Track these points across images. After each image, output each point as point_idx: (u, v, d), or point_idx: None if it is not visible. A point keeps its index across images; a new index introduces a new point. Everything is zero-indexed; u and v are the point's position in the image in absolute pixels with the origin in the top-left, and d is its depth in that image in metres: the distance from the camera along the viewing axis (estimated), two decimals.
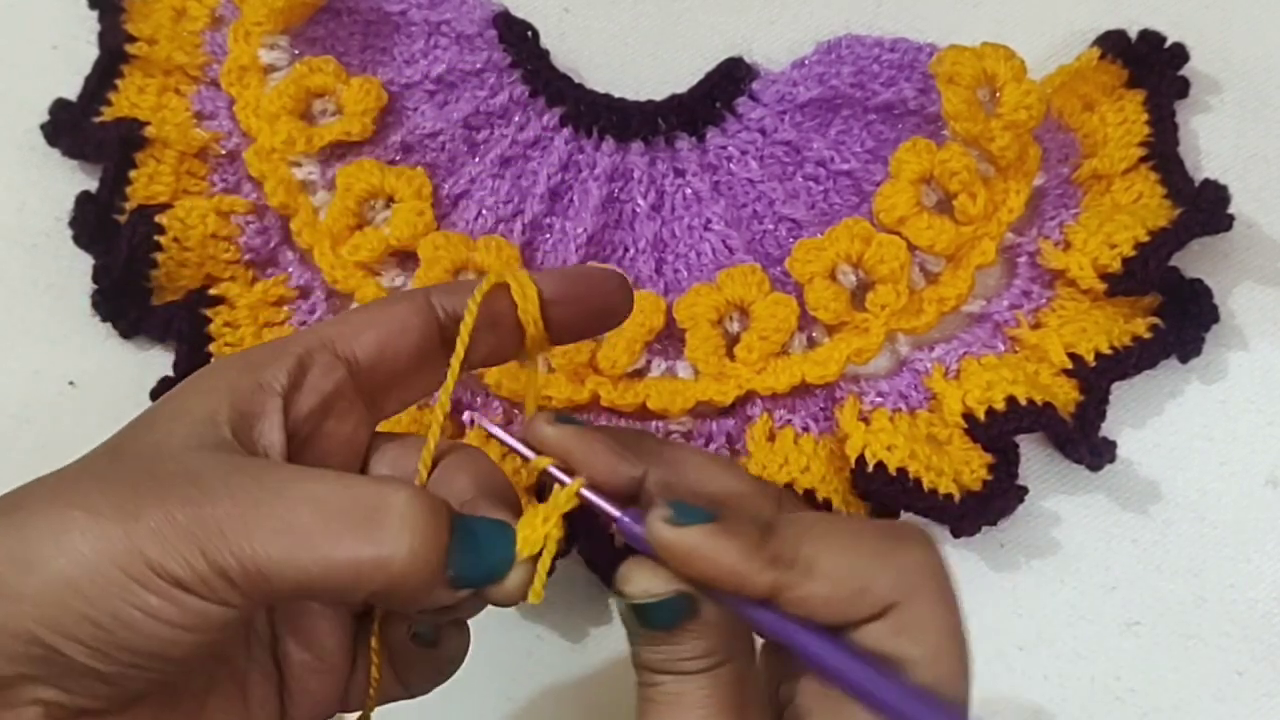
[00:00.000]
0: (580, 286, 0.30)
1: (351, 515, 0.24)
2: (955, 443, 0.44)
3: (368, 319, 0.29)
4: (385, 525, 0.24)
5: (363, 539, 0.24)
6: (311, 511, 0.24)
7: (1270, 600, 0.44)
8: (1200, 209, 0.44)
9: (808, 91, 0.48)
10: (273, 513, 0.24)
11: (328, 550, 0.24)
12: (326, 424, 0.29)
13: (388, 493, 0.25)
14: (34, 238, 0.48)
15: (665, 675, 0.27)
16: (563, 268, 0.30)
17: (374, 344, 0.29)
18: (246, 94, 0.48)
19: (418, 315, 0.29)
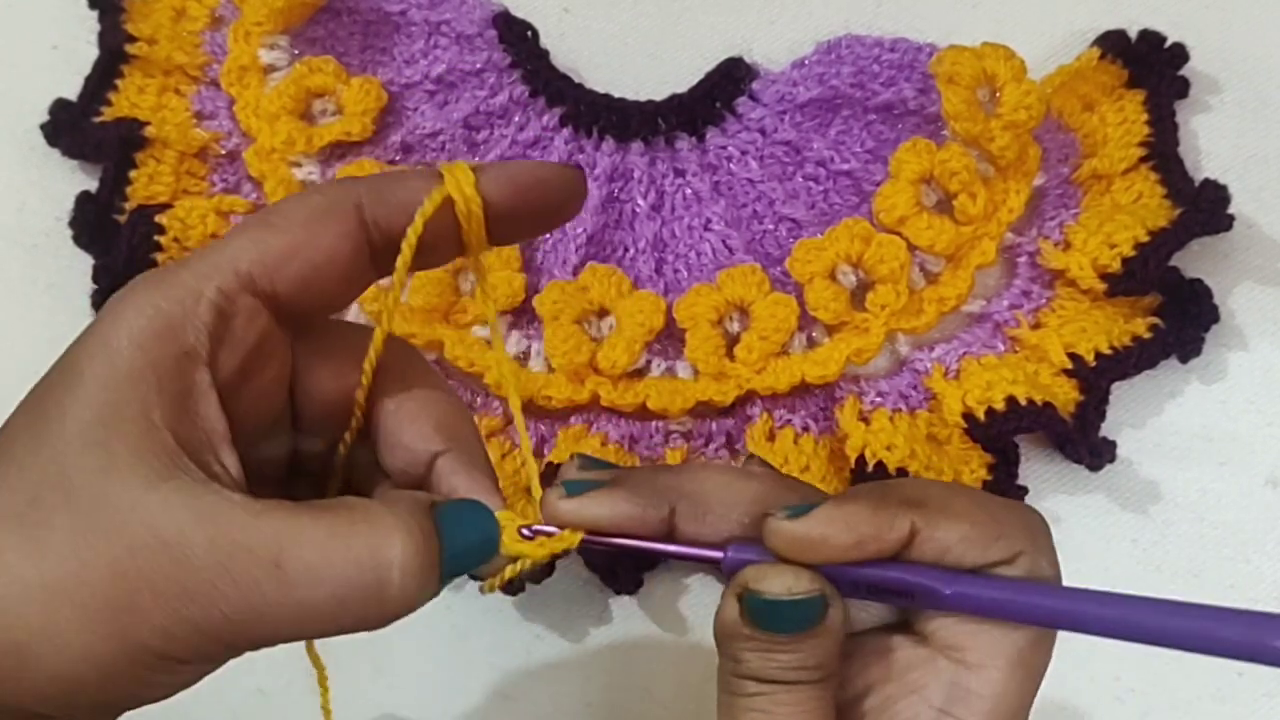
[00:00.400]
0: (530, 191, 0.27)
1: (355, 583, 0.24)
2: (955, 443, 0.44)
3: (293, 247, 0.26)
4: (388, 581, 0.24)
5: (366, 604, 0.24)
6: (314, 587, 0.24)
7: (1270, 600, 0.44)
8: (1200, 209, 0.44)
9: (808, 91, 0.48)
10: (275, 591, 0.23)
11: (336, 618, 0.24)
12: (252, 370, 0.26)
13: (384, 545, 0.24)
14: (34, 238, 0.48)
15: (773, 685, 0.26)
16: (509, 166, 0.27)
17: (299, 282, 0.26)
18: (246, 94, 0.48)
19: (350, 240, 0.26)
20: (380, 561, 0.24)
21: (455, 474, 0.28)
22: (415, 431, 0.28)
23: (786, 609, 0.26)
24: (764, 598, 0.26)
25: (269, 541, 0.23)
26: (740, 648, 0.27)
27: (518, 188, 0.27)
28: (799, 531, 0.26)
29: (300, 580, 0.23)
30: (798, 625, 0.26)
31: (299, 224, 0.26)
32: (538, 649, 0.44)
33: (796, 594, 0.26)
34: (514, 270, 0.45)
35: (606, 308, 0.45)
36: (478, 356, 0.44)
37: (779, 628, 0.26)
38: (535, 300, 0.45)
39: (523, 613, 0.44)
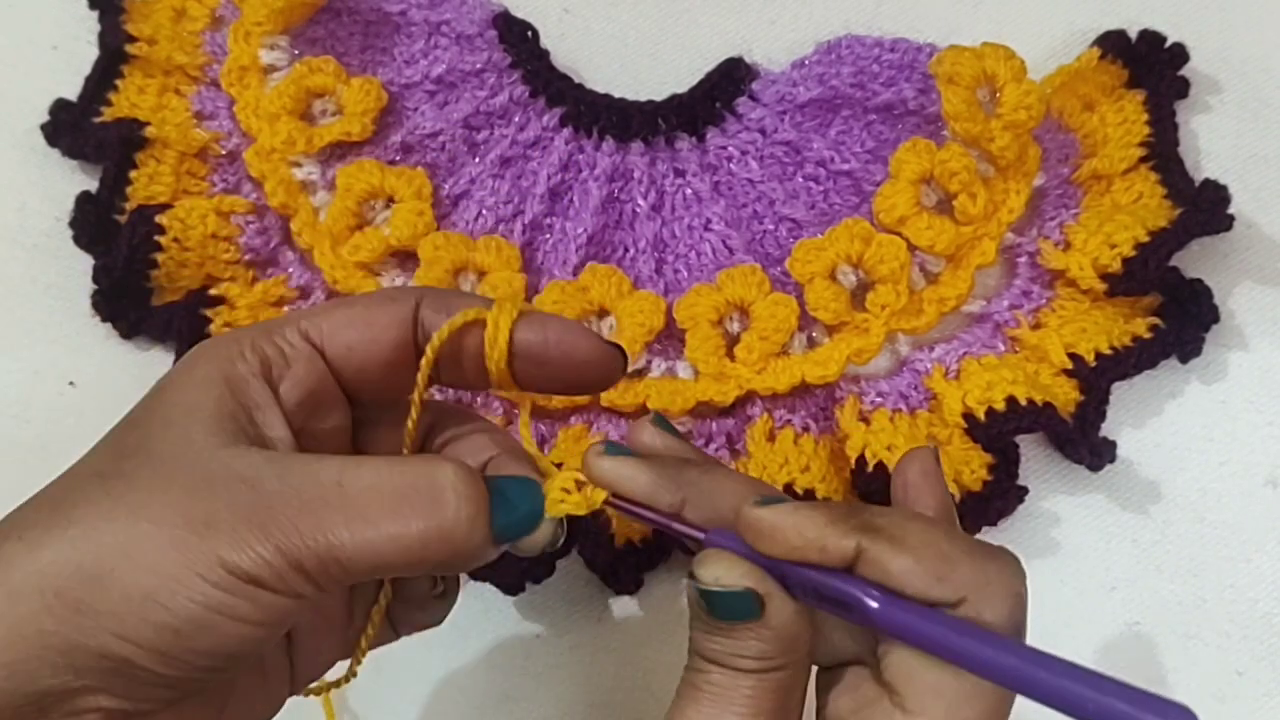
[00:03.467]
0: (560, 350, 0.29)
1: (412, 495, 0.26)
2: (955, 443, 0.44)
3: (347, 319, 0.29)
4: (443, 500, 0.26)
5: (426, 515, 0.26)
6: (375, 497, 0.25)
7: (1270, 600, 0.44)
8: (1200, 209, 0.44)
9: (808, 92, 0.48)
10: (340, 503, 0.25)
11: (397, 530, 0.25)
12: (314, 411, 0.29)
13: (437, 470, 0.26)
14: (34, 238, 0.48)
15: (716, 667, 0.28)
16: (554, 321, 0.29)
17: (346, 345, 0.29)
18: (246, 94, 0.48)
19: (397, 326, 0.29)
20: (434, 481, 0.26)
21: (505, 465, 0.30)
22: (468, 445, 0.31)
23: (715, 597, 0.27)
24: (696, 584, 0.28)
25: (332, 470, 0.26)
26: (695, 626, 0.28)
27: (553, 346, 0.29)
28: (755, 516, 0.27)
29: (359, 496, 0.25)
30: (731, 614, 0.27)
31: (362, 304, 0.30)
32: (538, 649, 0.44)
33: (722, 586, 0.27)
34: (514, 270, 0.46)
35: (607, 308, 0.45)
36: None
37: (717, 614, 0.28)
38: (536, 300, 0.45)
39: (523, 613, 0.44)
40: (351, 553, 0.25)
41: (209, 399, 0.27)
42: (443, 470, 0.26)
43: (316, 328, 0.29)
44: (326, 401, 0.29)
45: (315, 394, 0.29)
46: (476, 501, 0.26)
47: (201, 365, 0.28)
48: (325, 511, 0.25)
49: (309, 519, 0.25)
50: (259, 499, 0.25)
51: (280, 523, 0.25)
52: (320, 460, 0.26)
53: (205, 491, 0.25)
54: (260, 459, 0.26)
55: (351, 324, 0.29)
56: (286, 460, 0.26)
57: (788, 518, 0.27)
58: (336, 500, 0.25)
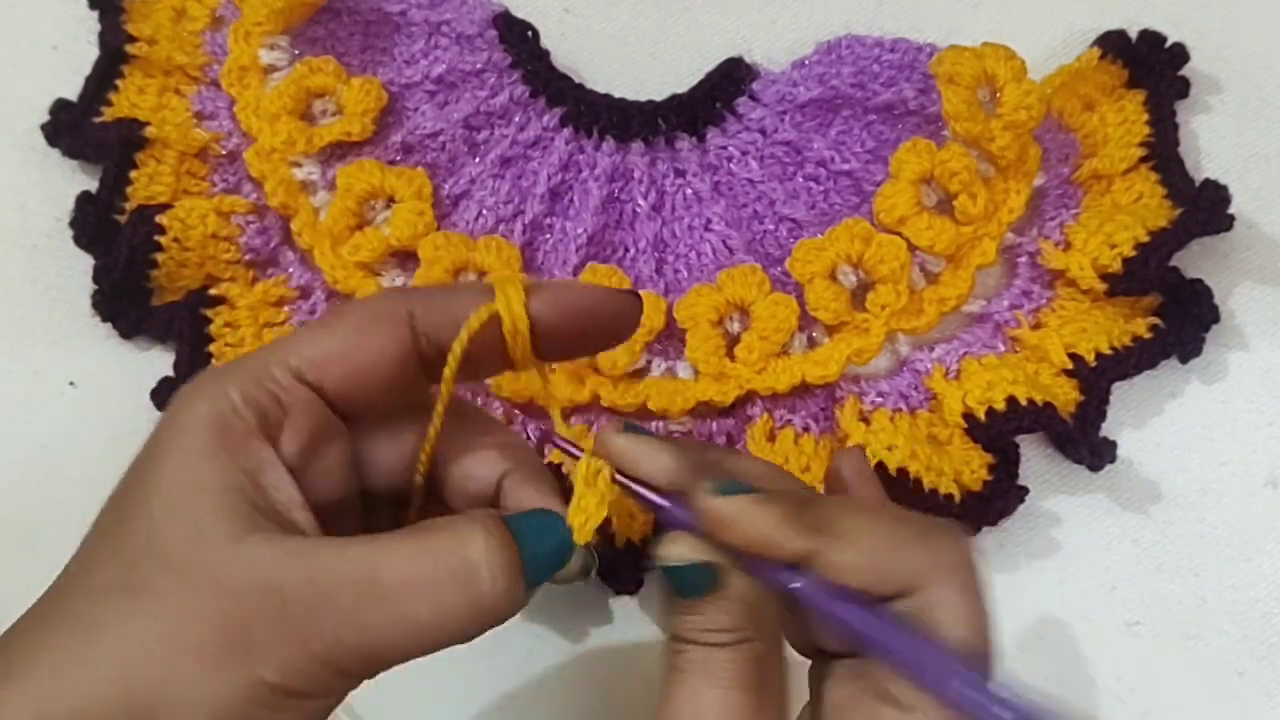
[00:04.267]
0: (578, 315, 0.29)
1: (447, 581, 0.25)
2: (955, 443, 0.44)
3: (341, 347, 0.28)
4: (478, 581, 0.26)
5: (464, 599, 0.25)
6: (412, 591, 0.25)
7: (1270, 600, 0.44)
8: (1200, 209, 0.44)
9: (808, 92, 0.48)
10: (377, 605, 0.25)
11: (437, 618, 0.25)
12: (316, 452, 0.28)
13: (468, 547, 0.26)
14: (34, 238, 0.48)
15: (691, 645, 0.28)
16: (562, 288, 0.29)
17: (344, 377, 0.28)
18: (247, 94, 0.48)
19: (395, 345, 0.28)
20: (468, 562, 0.26)
21: (521, 488, 0.30)
22: (481, 459, 0.31)
23: (679, 574, 0.28)
24: (660, 563, 0.28)
25: (361, 566, 0.25)
26: (668, 610, 0.29)
27: (567, 311, 0.28)
28: (707, 506, 0.28)
29: (396, 592, 0.25)
30: (694, 589, 0.28)
31: (351, 328, 0.28)
32: (538, 649, 0.44)
33: (681, 561, 0.28)
34: (514, 270, 0.45)
35: None
36: None
37: (681, 591, 0.28)
38: None
39: (523, 613, 0.44)
40: (393, 647, 0.25)
41: (211, 476, 0.26)
42: (474, 546, 0.26)
43: (309, 363, 0.27)
44: (326, 437, 0.28)
45: (315, 436, 0.28)
46: (509, 568, 0.26)
47: (195, 431, 0.26)
48: (363, 614, 0.25)
49: (348, 625, 0.24)
50: (291, 610, 0.24)
51: (319, 633, 0.24)
52: (345, 553, 0.25)
53: (235, 606, 0.24)
54: (280, 555, 0.25)
55: (346, 354, 0.28)
56: (308, 555, 0.25)
57: (741, 511, 0.27)
58: (372, 600, 0.25)
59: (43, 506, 0.44)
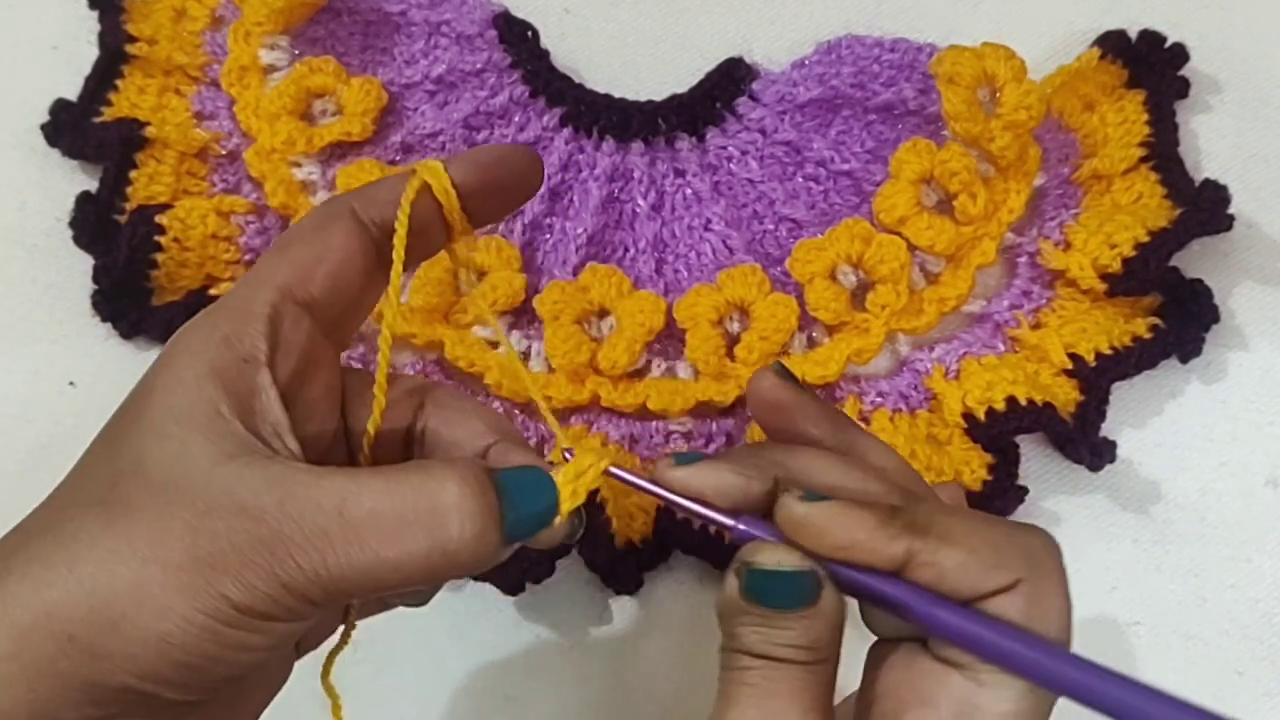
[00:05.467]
0: (496, 172, 0.30)
1: (413, 520, 0.25)
2: (955, 443, 0.44)
3: (314, 254, 0.29)
4: (446, 524, 0.25)
5: (429, 539, 0.25)
6: (377, 525, 0.25)
7: (1270, 600, 0.44)
8: (1200, 209, 0.44)
9: (808, 92, 0.48)
10: (342, 535, 0.25)
11: (400, 557, 0.25)
12: (306, 376, 0.29)
13: (439, 489, 0.26)
14: (34, 238, 0.48)
15: (761, 661, 0.27)
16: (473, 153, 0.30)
17: (326, 281, 0.29)
18: (247, 94, 0.48)
19: (355, 237, 0.29)
20: (437, 503, 0.26)
21: (509, 454, 0.30)
22: (466, 431, 0.31)
23: (777, 581, 0.27)
24: (757, 569, 0.27)
25: (333, 495, 0.25)
26: (736, 622, 0.27)
27: (481, 167, 0.29)
28: (800, 514, 0.27)
29: (361, 525, 0.25)
30: (788, 600, 0.27)
31: (310, 234, 0.29)
32: (538, 649, 0.44)
33: (785, 567, 0.27)
34: (514, 270, 0.46)
35: (607, 308, 0.45)
36: (478, 356, 0.44)
37: (771, 601, 0.27)
38: (535, 300, 0.45)
39: (523, 613, 0.44)
40: (355, 580, 0.25)
41: (201, 400, 0.26)
42: (446, 490, 0.26)
43: (293, 278, 0.28)
44: (316, 362, 0.29)
45: (307, 355, 0.28)
46: (483, 516, 0.26)
47: (188, 358, 0.27)
48: (327, 544, 0.25)
49: (312, 553, 0.25)
50: (262, 533, 0.25)
51: (283, 559, 0.25)
52: (321, 481, 0.26)
53: (208, 524, 0.25)
54: (260, 480, 0.25)
55: (319, 260, 0.28)
56: (287, 482, 0.26)
57: (835, 519, 0.27)
58: (338, 531, 0.25)
59: None
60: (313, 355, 0.29)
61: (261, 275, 0.28)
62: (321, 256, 0.29)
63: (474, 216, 0.30)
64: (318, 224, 0.29)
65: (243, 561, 0.24)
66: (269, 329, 0.28)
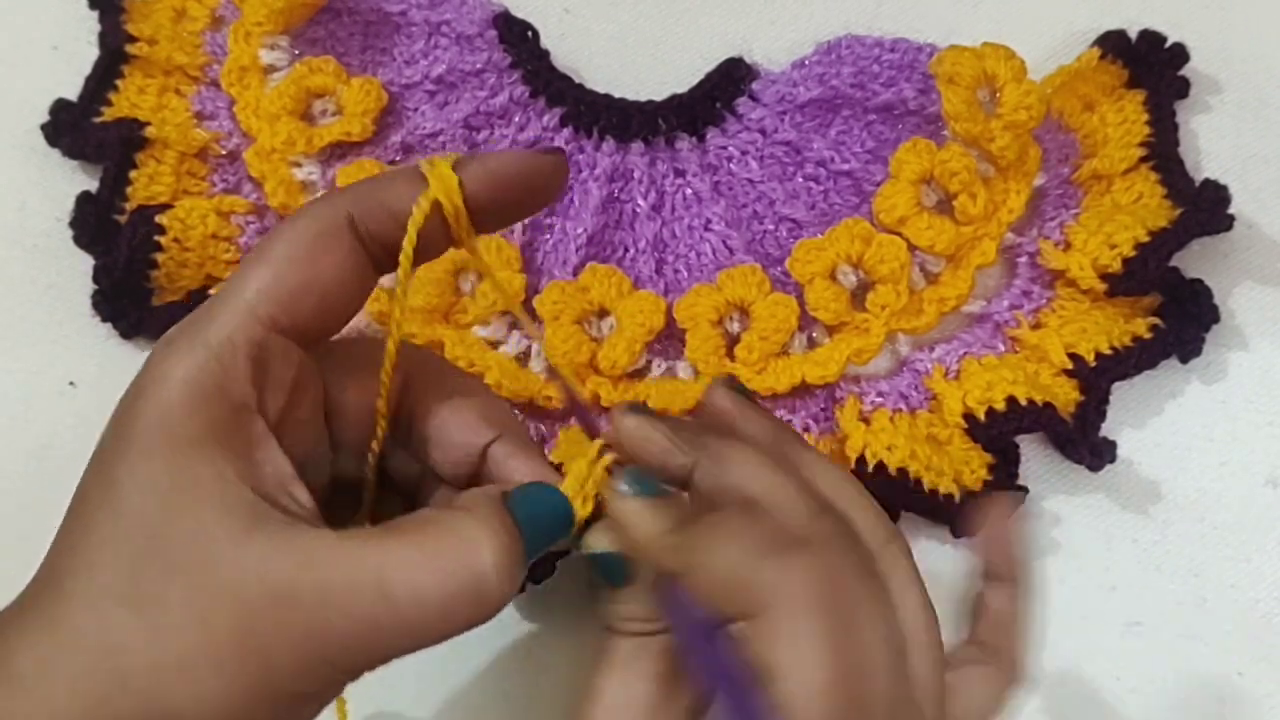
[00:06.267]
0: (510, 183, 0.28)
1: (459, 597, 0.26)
2: (955, 443, 0.44)
3: (300, 280, 0.27)
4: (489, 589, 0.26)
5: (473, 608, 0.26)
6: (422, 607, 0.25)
7: (1270, 600, 0.44)
8: (1200, 209, 0.44)
9: (808, 92, 0.48)
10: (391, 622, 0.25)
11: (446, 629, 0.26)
12: (295, 403, 0.28)
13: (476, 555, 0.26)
14: (34, 238, 0.48)
15: (614, 634, 0.29)
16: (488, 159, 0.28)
17: (315, 309, 0.27)
18: (247, 94, 0.48)
19: (351, 260, 0.27)
20: (476, 570, 0.26)
21: (511, 458, 0.30)
22: (462, 425, 0.30)
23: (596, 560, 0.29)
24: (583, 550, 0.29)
25: (372, 573, 0.25)
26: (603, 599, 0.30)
27: (498, 181, 0.28)
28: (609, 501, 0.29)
29: (408, 602, 0.25)
30: (608, 578, 0.29)
31: (303, 256, 0.27)
32: (538, 649, 0.44)
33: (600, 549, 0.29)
34: (514, 270, 0.45)
35: (607, 308, 0.45)
36: (478, 356, 0.44)
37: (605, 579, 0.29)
38: (535, 301, 0.45)
39: (523, 613, 0.44)
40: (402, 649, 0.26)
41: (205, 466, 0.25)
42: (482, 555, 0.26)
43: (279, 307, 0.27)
44: (303, 386, 0.28)
45: (295, 384, 0.28)
46: (515, 566, 0.26)
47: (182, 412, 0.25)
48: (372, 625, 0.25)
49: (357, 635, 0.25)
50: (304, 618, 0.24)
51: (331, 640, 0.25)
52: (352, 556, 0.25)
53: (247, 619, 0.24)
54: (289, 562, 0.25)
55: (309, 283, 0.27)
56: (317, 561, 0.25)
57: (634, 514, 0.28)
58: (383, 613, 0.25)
59: (43, 507, 0.44)
60: (301, 381, 0.28)
61: (241, 300, 0.27)
62: (310, 285, 0.27)
63: (482, 226, 0.29)
64: (312, 243, 0.27)
65: (290, 646, 0.24)
66: (255, 370, 0.26)
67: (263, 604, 0.24)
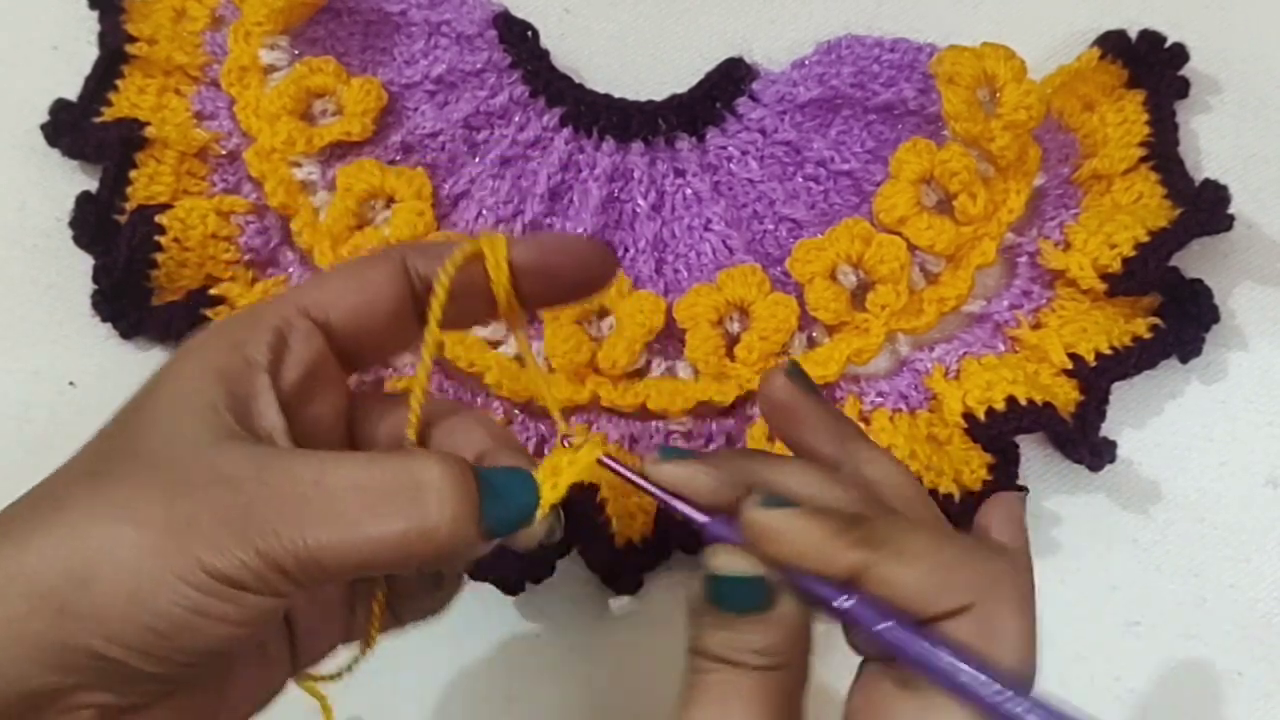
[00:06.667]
0: (557, 257, 0.29)
1: (393, 495, 0.25)
2: (955, 443, 0.44)
3: (343, 285, 0.29)
4: (425, 501, 0.25)
5: (407, 516, 0.25)
6: (355, 497, 0.25)
7: (1270, 600, 0.44)
8: (1200, 209, 0.44)
9: (808, 92, 0.48)
10: (319, 503, 0.25)
11: (377, 531, 0.25)
12: (312, 391, 0.29)
13: (420, 468, 0.26)
14: (34, 238, 0.48)
15: (721, 664, 0.27)
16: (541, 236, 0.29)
17: (349, 311, 0.29)
18: (247, 94, 0.48)
19: (392, 282, 0.29)
20: (417, 481, 0.25)
21: (499, 458, 0.30)
22: (466, 437, 0.30)
23: (731, 585, 0.27)
24: (713, 572, 0.28)
25: (312, 467, 0.25)
26: (700, 624, 0.28)
27: (544, 252, 0.29)
28: (755, 518, 0.27)
29: (341, 494, 0.25)
30: (743, 604, 0.27)
31: (352, 268, 0.29)
32: (538, 649, 0.44)
33: (735, 572, 0.27)
34: None
35: (607, 308, 0.45)
36: (478, 356, 0.44)
37: (727, 605, 0.27)
38: None
39: (523, 613, 0.44)
40: (330, 554, 0.25)
41: (199, 391, 0.27)
42: (426, 469, 0.26)
43: (314, 301, 0.28)
44: (324, 380, 0.29)
45: (314, 372, 0.28)
46: (462, 500, 0.26)
47: (193, 358, 0.27)
48: (304, 512, 0.25)
49: (287, 520, 0.25)
50: (239, 500, 0.25)
51: (259, 525, 0.24)
52: (302, 456, 0.26)
53: (187, 492, 0.25)
54: (243, 456, 0.25)
55: (349, 290, 0.29)
56: (268, 456, 0.26)
57: (790, 524, 0.27)
58: (316, 500, 0.25)
59: None
60: (320, 372, 0.29)
61: (290, 293, 0.29)
62: (353, 288, 0.29)
63: (526, 298, 0.29)
64: (364, 261, 0.29)
65: (218, 525, 0.24)
66: (275, 338, 0.28)
67: (202, 481, 0.25)
